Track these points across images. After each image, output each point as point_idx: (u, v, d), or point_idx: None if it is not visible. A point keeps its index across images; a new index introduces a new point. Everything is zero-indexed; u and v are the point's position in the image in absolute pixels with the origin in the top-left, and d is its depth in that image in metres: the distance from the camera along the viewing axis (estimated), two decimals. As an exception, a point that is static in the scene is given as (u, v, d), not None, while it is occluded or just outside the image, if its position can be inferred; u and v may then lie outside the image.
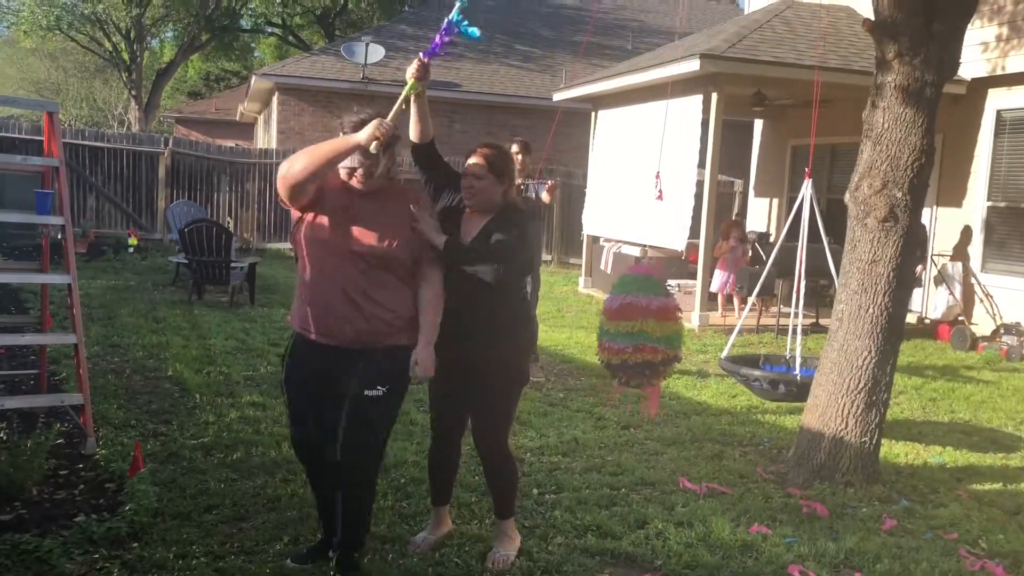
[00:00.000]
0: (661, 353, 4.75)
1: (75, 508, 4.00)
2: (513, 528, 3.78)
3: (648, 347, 4.75)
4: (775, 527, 4.22)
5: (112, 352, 7.17)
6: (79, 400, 4.77)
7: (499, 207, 3.62)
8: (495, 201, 3.61)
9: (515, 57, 20.35)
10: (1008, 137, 10.01)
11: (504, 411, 3.70)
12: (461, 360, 3.58)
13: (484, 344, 3.56)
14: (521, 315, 3.74)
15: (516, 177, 6.21)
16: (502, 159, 3.62)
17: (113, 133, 16.27)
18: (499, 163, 3.60)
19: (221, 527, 3.88)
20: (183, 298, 9.96)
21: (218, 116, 30.40)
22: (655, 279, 5.06)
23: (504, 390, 3.66)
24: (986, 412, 6.86)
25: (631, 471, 4.90)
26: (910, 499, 4.73)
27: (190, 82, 41.19)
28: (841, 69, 9.86)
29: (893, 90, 4.75)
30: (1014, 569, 3.91)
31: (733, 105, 11.65)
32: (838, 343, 4.94)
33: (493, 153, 3.60)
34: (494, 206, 3.61)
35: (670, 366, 4.93)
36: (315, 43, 30.16)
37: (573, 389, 6.87)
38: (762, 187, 14.29)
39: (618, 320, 4.79)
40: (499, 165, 3.59)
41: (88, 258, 12.54)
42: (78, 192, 14.56)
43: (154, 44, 34.10)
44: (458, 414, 3.79)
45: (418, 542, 3.77)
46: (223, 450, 4.86)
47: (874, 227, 4.82)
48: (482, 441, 3.71)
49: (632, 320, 4.76)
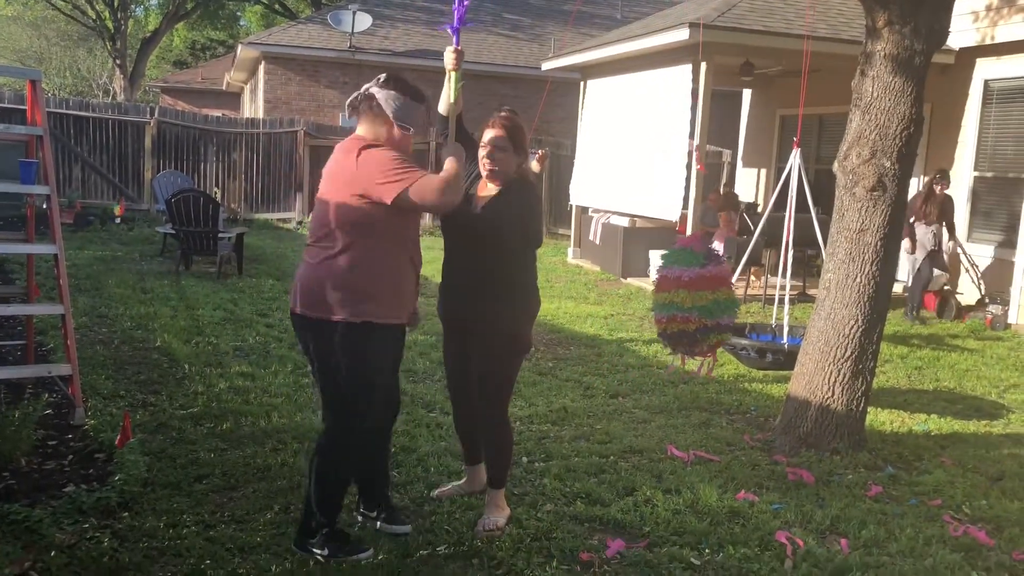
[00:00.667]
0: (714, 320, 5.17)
1: (64, 478, 4.01)
2: (503, 498, 3.81)
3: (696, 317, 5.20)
4: (762, 494, 4.26)
5: (100, 323, 7.15)
6: (67, 370, 4.76)
7: (511, 178, 3.68)
8: (510, 172, 3.67)
9: (504, 26, 20.19)
10: (996, 107, 10.02)
11: (505, 378, 3.74)
12: (467, 322, 3.70)
13: (488, 309, 3.63)
14: (529, 285, 3.77)
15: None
16: (519, 131, 3.69)
17: (98, 103, 16.10)
18: (517, 134, 3.68)
19: (211, 496, 3.89)
20: (171, 269, 9.92)
21: (204, 86, 30.09)
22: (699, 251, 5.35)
23: (506, 357, 3.71)
24: (970, 380, 6.92)
25: (619, 439, 4.94)
26: (895, 466, 4.79)
27: (176, 51, 40.72)
28: (830, 38, 9.82)
29: (883, 59, 4.73)
30: (996, 534, 3.97)
31: (722, 75, 11.60)
32: (825, 312, 4.97)
33: (513, 125, 3.67)
34: (508, 176, 3.68)
35: (724, 332, 5.30)
36: (302, 11, 29.84)
37: (562, 359, 6.89)
38: (750, 157, 14.28)
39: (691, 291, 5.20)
40: (517, 136, 3.67)
41: (74, 228, 12.46)
42: (63, 162, 14.43)
43: (138, 12, 33.67)
44: (468, 378, 3.84)
45: (444, 490, 4.00)
46: (212, 420, 4.87)
47: (862, 196, 4.83)
48: (482, 408, 3.75)
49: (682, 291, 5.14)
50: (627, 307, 9.45)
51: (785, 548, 3.65)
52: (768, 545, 3.69)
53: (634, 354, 7.18)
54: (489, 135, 3.65)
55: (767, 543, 3.71)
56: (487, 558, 3.45)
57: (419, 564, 3.38)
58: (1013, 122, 9.79)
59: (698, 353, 5.57)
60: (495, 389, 3.72)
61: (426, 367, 6.30)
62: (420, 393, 5.64)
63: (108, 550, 3.33)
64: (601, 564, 3.47)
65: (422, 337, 7.16)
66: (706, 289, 5.19)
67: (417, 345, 6.89)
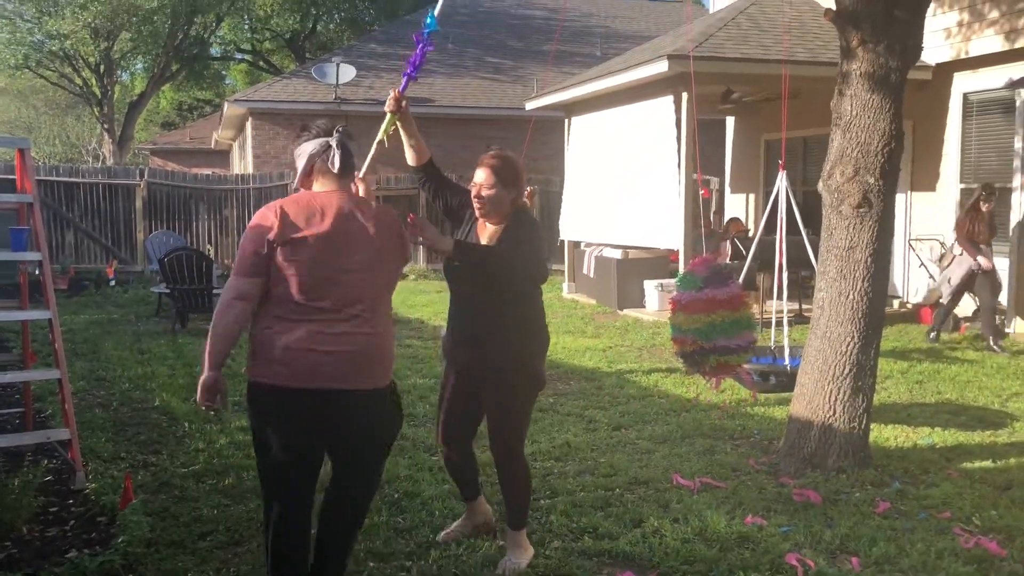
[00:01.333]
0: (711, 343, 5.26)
1: (67, 544, 3.97)
2: (526, 539, 3.76)
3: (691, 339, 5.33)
4: (770, 517, 4.23)
5: (98, 386, 7.13)
6: (66, 435, 4.73)
7: (510, 215, 3.66)
8: (505, 210, 3.64)
9: (486, 69, 20.43)
10: (976, 119, 10.12)
11: (521, 414, 3.71)
12: (484, 367, 3.63)
13: (506, 352, 3.59)
14: (540, 321, 3.77)
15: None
16: (508, 167, 3.65)
17: (88, 168, 16.25)
18: (505, 171, 3.63)
19: (216, 553, 3.85)
20: (167, 328, 9.92)
21: (193, 145, 30.32)
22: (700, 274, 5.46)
23: (523, 395, 3.67)
24: (972, 391, 6.91)
25: (624, 471, 4.91)
26: (902, 481, 4.76)
27: (163, 113, 41.08)
28: (809, 62, 9.95)
29: (859, 77, 4.80)
30: (1008, 543, 3.94)
31: (704, 103, 11.71)
32: (821, 330, 4.97)
33: (499, 162, 3.64)
34: (505, 215, 3.65)
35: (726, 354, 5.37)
36: (286, 67, 30.18)
37: (562, 393, 6.87)
38: (738, 183, 14.38)
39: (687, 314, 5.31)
40: (505, 173, 3.62)
41: (69, 294, 12.47)
42: (55, 228, 14.50)
43: (124, 77, 34.01)
44: (470, 422, 3.82)
45: (449, 531, 3.94)
46: (214, 476, 4.84)
47: (849, 214, 4.86)
48: (498, 447, 3.70)
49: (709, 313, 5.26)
50: (625, 339, 9.45)
51: (796, 570, 3.62)
52: (779, 568, 3.66)
53: (635, 385, 7.16)
54: (476, 176, 3.64)
55: (778, 566, 3.67)
56: (497, 599, 3.42)
57: (428, 609, 3.34)
58: (994, 133, 9.89)
59: (706, 374, 5.64)
60: (513, 429, 3.68)
61: (426, 411, 6.28)
62: (421, 437, 5.61)
63: (113, 614, 3.30)
64: (612, 598, 3.43)
65: (421, 381, 7.15)
66: (701, 312, 5.27)
67: (416, 389, 6.87)
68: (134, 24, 24.40)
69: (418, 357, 8.30)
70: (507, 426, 3.67)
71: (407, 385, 7.08)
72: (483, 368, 3.64)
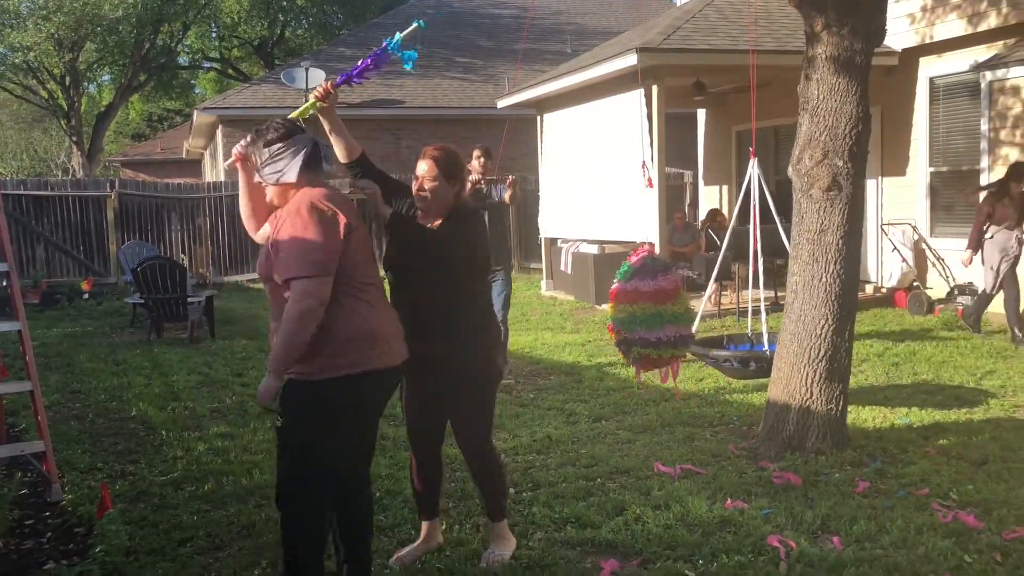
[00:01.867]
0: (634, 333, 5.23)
1: (44, 556, 3.93)
2: (507, 529, 3.76)
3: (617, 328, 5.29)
4: (751, 501, 4.25)
5: (73, 398, 7.05)
6: (40, 447, 4.67)
7: (451, 209, 3.60)
8: (447, 203, 3.59)
9: (456, 69, 20.40)
10: (943, 103, 10.22)
11: (485, 407, 3.68)
12: (433, 365, 3.55)
13: (454, 344, 3.53)
14: (487, 310, 3.74)
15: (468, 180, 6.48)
16: (451, 160, 3.60)
17: (57, 181, 16.06)
18: (448, 165, 3.58)
19: (197, 559, 3.82)
20: (142, 338, 9.82)
21: (164, 156, 30.06)
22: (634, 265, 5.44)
23: (481, 386, 3.64)
24: (947, 371, 6.98)
25: (605, 461, 4.92)
26: (881, 460, 4.80)
27: (133, 124, 40.72)
28: (777, 51, 10.00)
29: (824, 61, 4.83)
30: (985, 516, 3.98)
31: (675, 96, 11.78)
32: (795, 314, 5.00)
33: (442, 155, 3.59)
34: (446, 208, 3.60)
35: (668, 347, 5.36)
36: (255, 74, 30.00)
37: (543, 388, 6.87)
38: (711, 175, 14.44)
39: (615, 303, 5.29)
40: (448, 166, 3.57)
41: (42, 308, 12.31)
42: (26, 243, 14.31)
43: (91, 88, 33.67)
44: (437, 423, 3.75)
45: (402, 555, 3.74)
46: (193, 483, 4.80)
47: (819, 197, 4.89)
48: (466, 442, 3.67)
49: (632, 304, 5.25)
50: (604, 333, 9.45)
51: (778, 551, 3.64)
52: (761, 550, 3.68)
53: (614, 377, 7.17)
54: (418, 169, 3.58)
55: (760, 548, 3.69)
56: (481, 591, 3.41)
57: (412, 605, 3.33)
58: (961, 116, 9.99)
59: (632, 364, 5.67)
60: (478, 420, 3.65)
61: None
62: (402, 436, 5.58)
63: (93, 623, 3.26)
64: (596, 586, 3.43)
65: (400, 381, 7.12)
66: (624, 302, 5.33)
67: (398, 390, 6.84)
68: (99, 34, 24.14)
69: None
70: (475, 421, 3.64)
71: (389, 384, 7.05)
72: (440, 364, 3.55)
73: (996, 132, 9.15)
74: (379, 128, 17.44)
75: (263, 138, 3.16)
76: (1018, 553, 3.59)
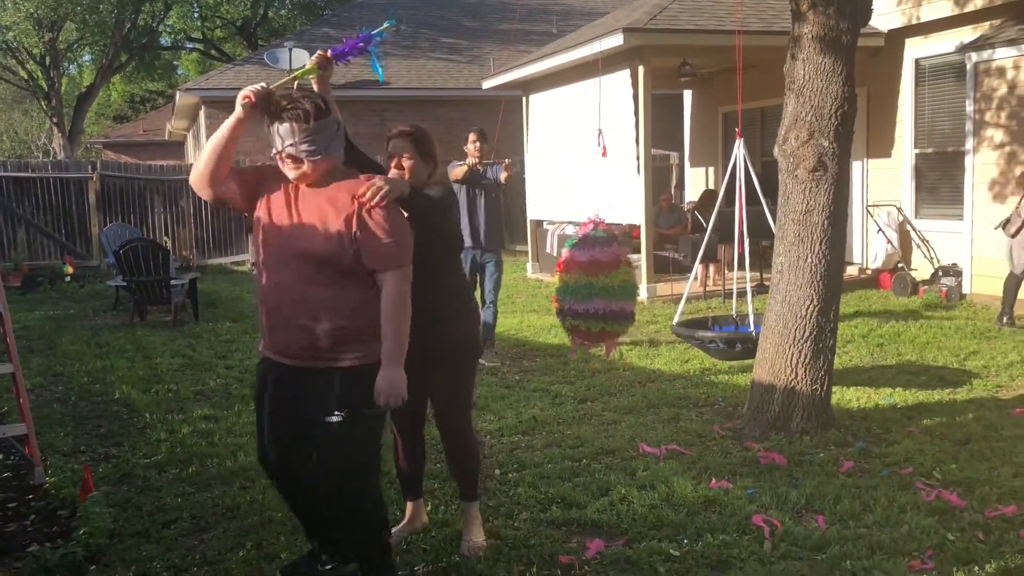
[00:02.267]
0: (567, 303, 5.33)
1: (27, 539, 3.90)
2: (477, 510, 3.74)
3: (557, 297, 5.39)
4: (736, 480, 4.27)
5: (56, 381, 6.99)
6: (22, 430, 4.63)
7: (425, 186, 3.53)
8: (421, 182, 3.52)
9: (441, 50, 20.27)
10: (928, 85, 10.24)
11: (464, 386, 3.66)
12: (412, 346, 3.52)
13: (431, 325, 3.45)
14: (464, 289, 3.70)
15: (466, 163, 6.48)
16: (425, 139, 3.55)
17: (37, 162, 15.86)
18: (423, 143, 3.53)
19: (181, 541, 3.80)
20: (125, 321, 9.75)
21: (146, 138, 29.80)
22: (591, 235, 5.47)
23: (460, 365, 3.62)
24: (931, 352, 7.02)
25: (591, 442, 4.92)
26: (865, 440, 4.82)
27: (115, 106, 40.31)
28: (763, 31, 9.98)
29: (811, 40, 4.81)
30: (967, 495, 4.01)
31: (662, 77, 11.74)
32: (780, 295, 5.01)
33: (416, 133, 3.54)
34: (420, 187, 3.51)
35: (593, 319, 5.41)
36: (238, 54, 29.72)
37: (528, 371, 6.87)
38: (697, 157, 14.44)
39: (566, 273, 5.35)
40: (423, 145, 3.53)
41: (23, 291, 12.21)
42: (6, 226, 14.18)
43: (72, 69, 33.30)
44: (418, 404, 3.73)
45: None
46: (177, 465, 4.77)
47: (804, 178, 4.89)
48: (445, 422, 3.65)
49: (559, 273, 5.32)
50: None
51: (763, 530, 3.65)
52: (746, 529, 3.69)
53: (600, 359, 7.17)
54: (392, 147, 3.53)
55: (745, 527, 3.70)
56: (467, 571, 3.41)
57: (398, 585, 3.32)
58: (946, 98, 10.01)
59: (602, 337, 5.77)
60: (458, 400, 3.64)
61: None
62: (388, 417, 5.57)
63: (76, 605, 3.24)
64: (582, 565, 3.44)
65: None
66: (560, 271, 5.49)
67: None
68: (79, 14, 23.87)
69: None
70: (457, 401, 3.63)
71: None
72: (423, 348, 3.46)
73: (981, 114, 9.17)
74: (364, 109, 17.32)
75: (300, 108, 2.91)
76: (1000, 531, 3.62)
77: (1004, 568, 3.30)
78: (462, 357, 3.62)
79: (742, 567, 3.36)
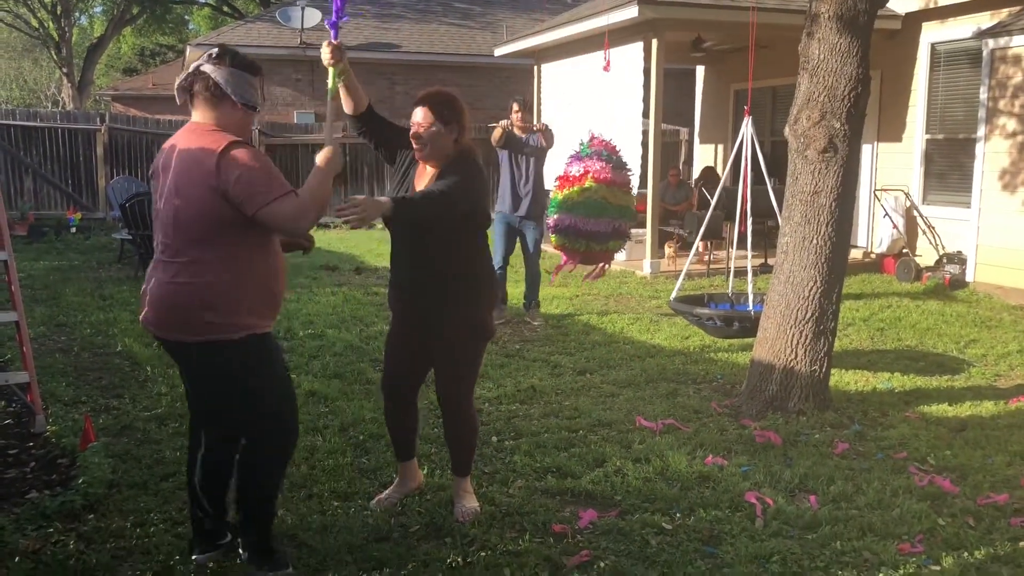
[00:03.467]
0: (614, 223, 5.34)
1: (27, 485, 3.94)
2: (470, 485, 3.74)
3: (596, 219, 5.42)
4: (731, 458, 4.30)
5: (58, 331, 7.03)
6: (25, 378, 4.67)
7: (452, 155, 3.45)
8: (446, 149, 3.43)
9: (455, 15, 20.11)
10: (943, 70, 10.15)
11: (469, 367, 3.60)
12: (420, 319, 3.53)
13: (450, 302, 3.47)
14: (486, 269, 3.61)
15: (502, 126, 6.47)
16: (447, 104, 3.44)
17: (46, 112, 15.79)
18: (444, 109, 3.41)
19: (179, 493, 3.84)
20: (129, 275, 9.77)
21: (155, 92, 29.56)
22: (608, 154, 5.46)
23: (468, 346, 3.55)
24: (931, 338, 7.03)
25: (588, 414, 4.95)
26: (861, 423, 4.85)
27: (125, 58, 40.06)
28: (779, 9, 9.89)
29: (828, 20, 4.77)
30: (960, 481, 4.03)
31: (674, 52, 11.66)
32: (784, 275, 5.01)
33: (437, 100, 3.43)
34: (446, 155, 3.44)
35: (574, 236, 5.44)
36: (251, 11, 29.47)
37: (529, 340, 6.89)
38: (707, 133, 14.36)
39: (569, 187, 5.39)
40: (444, 110, 3.41)
41: (29, 240, 12.23)
42: (14, 174, 14.15)
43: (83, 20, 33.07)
44: (413, 373, 3.71)
45: (382, 498, 3.75)
46: (177, 420, 4.81)
47: (814, 159, 4.87)
48: (446, 398, 3.62)
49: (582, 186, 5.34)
50: (592, 287, 9.46)
51: (755, 508, 3.68)
52: (738, 506, 3.72)
53: (600, 331, 7.20)
54: (414, 115, 3.42)
55: (737, 504, 3.74)
56: (460, 536, 3.44)
57: (394, 546, 3.36)
58: (960, 84, 9.93)
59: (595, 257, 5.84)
60: (461, 379, 3.59)
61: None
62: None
63: (74, 552, 3.28)
64: (574, 535, 3.47)
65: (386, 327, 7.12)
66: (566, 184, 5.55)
67: (382, 336, 6.84)
68: (92, -37, 23.67)
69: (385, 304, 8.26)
70: (456, 377, 3.58)
71: (375, 331, 7.08)
72: (429, 320, 3.51)
73: (995, 101, 9.10)
74: (373, 73, 17.22)
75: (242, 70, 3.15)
76: (990, 518, 3.65)
77: (993, 555, 3.34)
78: (469, 334, 3.54)
79: (733, 543, 3.39)
